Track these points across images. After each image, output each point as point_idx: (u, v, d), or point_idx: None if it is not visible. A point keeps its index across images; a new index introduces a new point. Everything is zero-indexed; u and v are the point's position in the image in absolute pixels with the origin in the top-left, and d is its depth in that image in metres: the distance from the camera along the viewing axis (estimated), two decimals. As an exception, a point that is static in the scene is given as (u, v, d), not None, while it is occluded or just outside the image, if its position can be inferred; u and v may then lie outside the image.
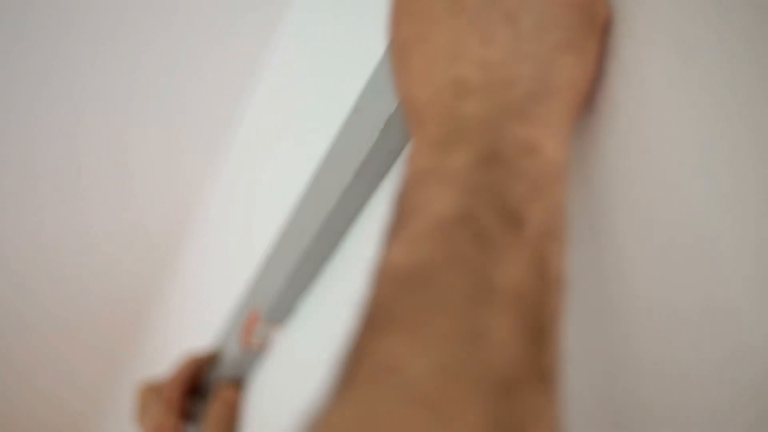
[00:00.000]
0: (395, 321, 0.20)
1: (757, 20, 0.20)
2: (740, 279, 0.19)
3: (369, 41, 0.46)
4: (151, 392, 0.58)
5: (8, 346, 1.26)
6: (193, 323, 0.91)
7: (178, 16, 0.77)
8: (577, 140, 0.26)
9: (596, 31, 0.25)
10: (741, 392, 0.19)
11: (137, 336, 1.28)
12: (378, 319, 0.20)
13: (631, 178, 0.23)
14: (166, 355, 0.94)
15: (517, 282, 0.20)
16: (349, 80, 0.47)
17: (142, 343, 1.27)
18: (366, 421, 0.18)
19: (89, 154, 0.94)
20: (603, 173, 0.25)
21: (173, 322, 1.05)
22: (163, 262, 1.14)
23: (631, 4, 0.25)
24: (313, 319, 0.49)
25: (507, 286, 0.20)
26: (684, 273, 0.21)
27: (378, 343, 0.19)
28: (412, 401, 0.18)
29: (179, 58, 0.82)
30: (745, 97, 0.20)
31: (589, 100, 0.26)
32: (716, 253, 0.20)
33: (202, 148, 0.95)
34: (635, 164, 0.23)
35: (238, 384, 0.58)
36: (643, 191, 0.23)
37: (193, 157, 0.96)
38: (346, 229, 0.44)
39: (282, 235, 0.50)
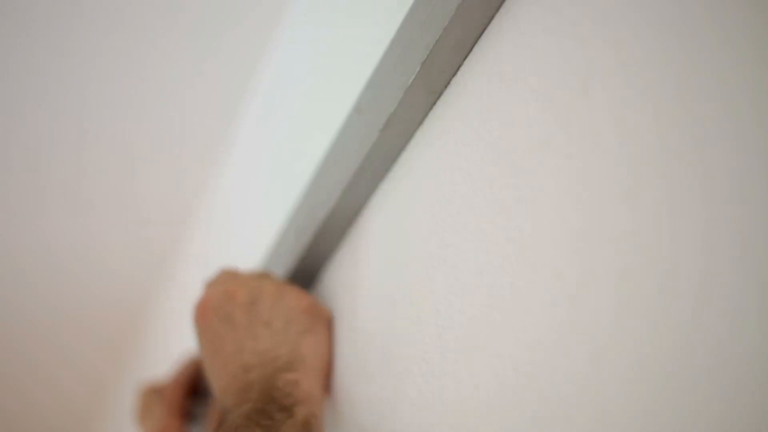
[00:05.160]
0: None
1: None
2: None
3: (369, 41, 0.46)
4: (153, 394, 0.58)
5: (12, 345, 1.26)
6: (194, 324, 0.90)
7: (179, 16, 0.77)
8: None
9: (323, 322, 0.44)
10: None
11: (138, 336, 1.28)
12: None
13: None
14: (167, 355, 0.94)
15: None
16: (349, 80, 0.47)
17: (143, 343, 1.27)
18: None
19: (90, 155, 0.94)
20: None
21: (174, 322, 1.05)
22: (164, 261, 1.14)
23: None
24: (313, 320, 0.49)
25: None
26: None
27: None
28: None
29: (180, 58, 0.82)
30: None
31: (329, 367, 0.44)
32: None
33: (202, 149, 0.95)
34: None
35: (239, 385, 0.58)
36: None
37: (193, 157, 0.96)
38: (345, 229, 0.44)
39: (282, 236, 0.50)
